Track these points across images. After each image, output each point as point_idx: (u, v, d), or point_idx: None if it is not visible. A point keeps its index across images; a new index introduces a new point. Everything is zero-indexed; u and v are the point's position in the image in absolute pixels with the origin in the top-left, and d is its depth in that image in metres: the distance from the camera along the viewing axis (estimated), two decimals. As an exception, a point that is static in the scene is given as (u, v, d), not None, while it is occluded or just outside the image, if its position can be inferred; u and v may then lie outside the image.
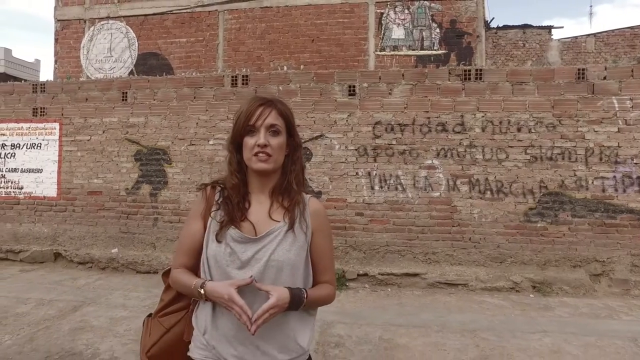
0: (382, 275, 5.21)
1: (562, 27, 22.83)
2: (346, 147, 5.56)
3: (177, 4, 9.51)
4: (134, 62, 8.84)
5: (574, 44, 12.69)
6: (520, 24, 12.90)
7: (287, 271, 1.28)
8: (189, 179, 5.93)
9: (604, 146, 5.08)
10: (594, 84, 5.12)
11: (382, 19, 8.81)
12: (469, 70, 5.40)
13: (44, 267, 6.01)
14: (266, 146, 1.28)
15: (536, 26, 12.81)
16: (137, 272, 5.77)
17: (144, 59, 9.38)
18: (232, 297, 1.17)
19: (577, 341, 3.52)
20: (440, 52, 8.65)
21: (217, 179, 1.43)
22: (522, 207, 5.19)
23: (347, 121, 5.58)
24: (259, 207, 1.35)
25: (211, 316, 1.28)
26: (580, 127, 5.12)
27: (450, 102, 5.38)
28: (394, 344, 3.48)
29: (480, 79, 5.34)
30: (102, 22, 9.30)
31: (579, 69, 5.20)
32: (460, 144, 5.34)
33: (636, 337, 3.61)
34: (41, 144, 6.46)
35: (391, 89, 5.51)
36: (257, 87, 5.83)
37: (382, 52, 8.80)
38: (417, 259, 5.34)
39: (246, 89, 5.85)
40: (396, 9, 8.78)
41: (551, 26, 12.86)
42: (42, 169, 6.45)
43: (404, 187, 5.42)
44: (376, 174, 5.48)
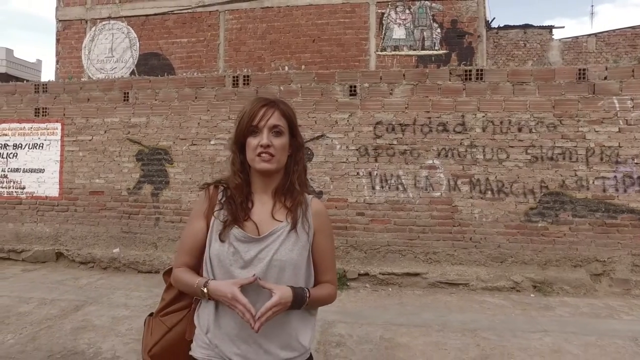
0: (383, 275, 5.23)
1: (563, 27, 22.88)
2: (347, 147, 5.57)
3: (178, 4, 9.52)
4: (136, 63, 8.84)
5: (575, 44, 12.68)
6: (521, 24, 12.91)
7: (289, 271, 1.29)
8: (191, 179, 5.95)
9: (604, 146, 5.09)
10: (594, 84, 5.13)
11: (383, 19, 8.80)
12: (470, 70, 5.40)
13: (46, 267, 6.03)
14: (269, 146, 1.29)
15: (537, 26, 12.81)
16: (138, 271, 5.79)
17: (145, 59, 9.39)
18: (236, 295, 1.18)
19: (577, 341, 3.53)
20: (441, 52, 8.65)
21: (219, 179, 1.43)
22: (522, 207, 5.20)
23: (348, 121, 5.59)
24: (262, 207, 1.36)
25: (214, 315, 1.29)
26: (581, 127, 5.12)
27: (451, 102, 5.38)
28: (395, 343, 3.49)
29: (481, 79, 5.34)
30: (103, 23, 9.30)
31: (579, 69, 5.20)
32: (461, 144, 5.34)
33: (637, 336, 3.62)
34: (43, 144, 6.48)
35: (392, 89, 5.52)
36: (258, 87, 5.85)
37: (383, 52, 8.80)
38: (418, 259, 5.35)
39: (247, 89, 5.86)
40: (397, 9, 8.78)
41: (552, 26, 12.86)
42: (44, 169, 6.47)
43: (405, 187, 5.43)
44: (377, 174, 5.49)
